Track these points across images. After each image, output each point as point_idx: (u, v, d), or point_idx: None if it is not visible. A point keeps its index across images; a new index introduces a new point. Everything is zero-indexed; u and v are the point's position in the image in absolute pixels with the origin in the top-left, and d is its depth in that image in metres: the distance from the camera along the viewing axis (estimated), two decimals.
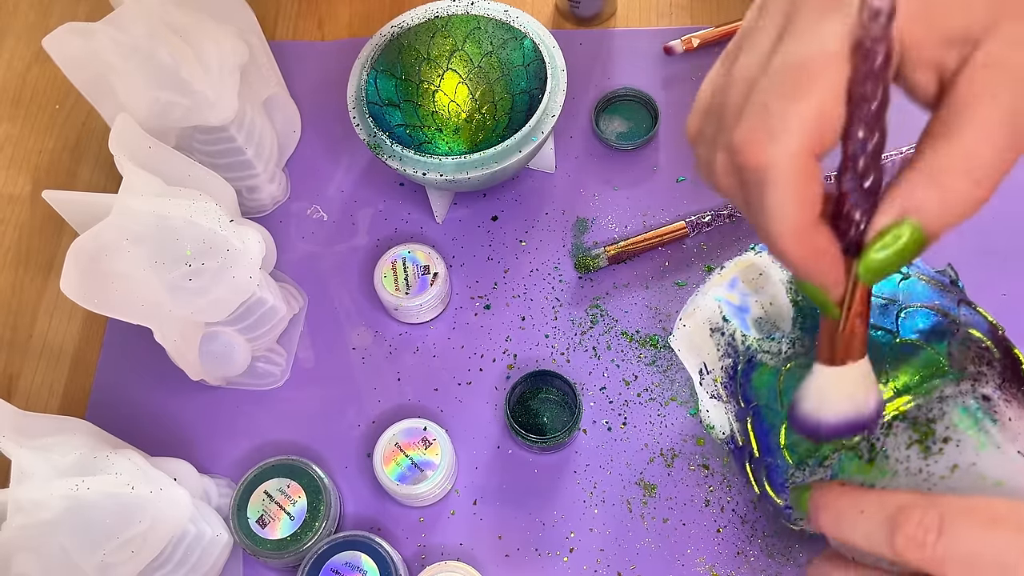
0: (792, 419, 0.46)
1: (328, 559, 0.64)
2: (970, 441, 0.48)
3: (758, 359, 0.56)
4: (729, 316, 0.58)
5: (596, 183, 0.81)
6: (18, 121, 0.88)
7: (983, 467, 0.47)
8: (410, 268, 0.74)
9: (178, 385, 0.73)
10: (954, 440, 0.48)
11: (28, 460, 0.57)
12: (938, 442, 0.49)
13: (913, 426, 0.50)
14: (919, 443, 0.49)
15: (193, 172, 0.67)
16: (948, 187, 0.38)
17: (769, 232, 0.40)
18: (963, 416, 0.49)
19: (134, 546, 0.57)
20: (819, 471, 0.53)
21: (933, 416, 0.50)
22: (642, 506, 0.69)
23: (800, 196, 0.38)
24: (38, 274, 0.81)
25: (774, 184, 0.38)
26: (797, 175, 0.38)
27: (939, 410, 0.50)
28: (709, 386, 0.60)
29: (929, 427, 0.49)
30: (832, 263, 0.40)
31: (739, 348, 0.57)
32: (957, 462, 0.47)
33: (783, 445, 0.54)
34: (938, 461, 0.48)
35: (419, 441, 0.68)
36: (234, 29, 0.72)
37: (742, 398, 0.57)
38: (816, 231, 0.39)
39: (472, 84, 0.80)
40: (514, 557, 0.68)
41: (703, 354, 0.60)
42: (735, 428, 0.58)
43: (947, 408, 0.50)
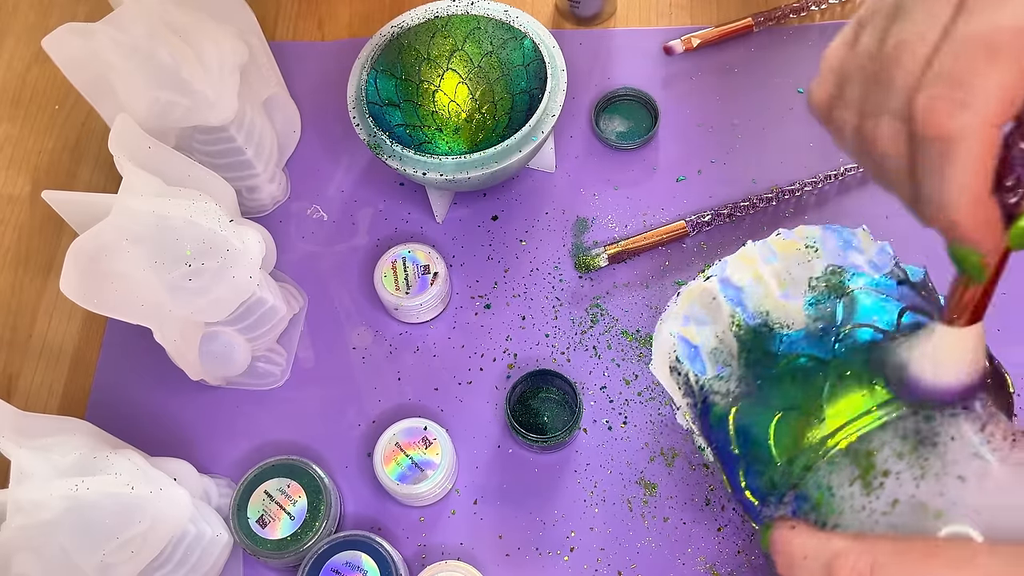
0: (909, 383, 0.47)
1: (328, 559, 0.64)
2: (908, 472, 0.46)
3: (710, 400, 0.55)
4: (682, 356, 0.57)
5: (596, 183, 0.81)
6: (18, 121, 0.88)
7: (923, 498, 0.45)
8: (410, 268, 0.74)
9: (178, 385, 0.73)
10: (893, 473, 0.47)
11: (28, 460, 0.57)
12: (878, 476, 0.47)
13: (854, 460, 0.48)
14: (860, 479, 0.48)
15: (193, 172, 0.67)
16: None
17: (944, 199, 0.40)
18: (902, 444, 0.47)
19: (134, 546, 0.57)
20: (780, 507, 0.51)
21: (873, 448, 0.48)
22: (643, 505, 0.69)
23: (983, 166, 0.39)
24: (38, 274, 0.81)
25: (960, 153, 0.39)
26: (984, 145, 0.38)
27: (879, 441, 0.48)
28: (682, 419, 0.59)
29: (869, 461, 0.48)
30: (997, 231, 0.41)
31: (694, 388, 0.56)
32: (897, 496, 0.46)
33: (743, 486, 0.53)
34: (879, 497, 0.47)
35: (419, 441, 0.68)
36: (234, 29, 0.72)
37: (704, 436, 0.57)
38: (989, 200, 0.40)
39: (472, 84, 0.80)
40: (515, 556, 0.68)
41: (670, 388, 0.59)
42: None
43: (887, 437, 0.48)
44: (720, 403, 0.54)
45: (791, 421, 0.50)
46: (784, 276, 0.55)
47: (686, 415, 0.58)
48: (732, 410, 0.53)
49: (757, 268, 0.56)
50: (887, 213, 0.77)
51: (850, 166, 0.78)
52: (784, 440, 0.50)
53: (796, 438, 0.50)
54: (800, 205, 0.78)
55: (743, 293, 0.55)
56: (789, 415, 0.50)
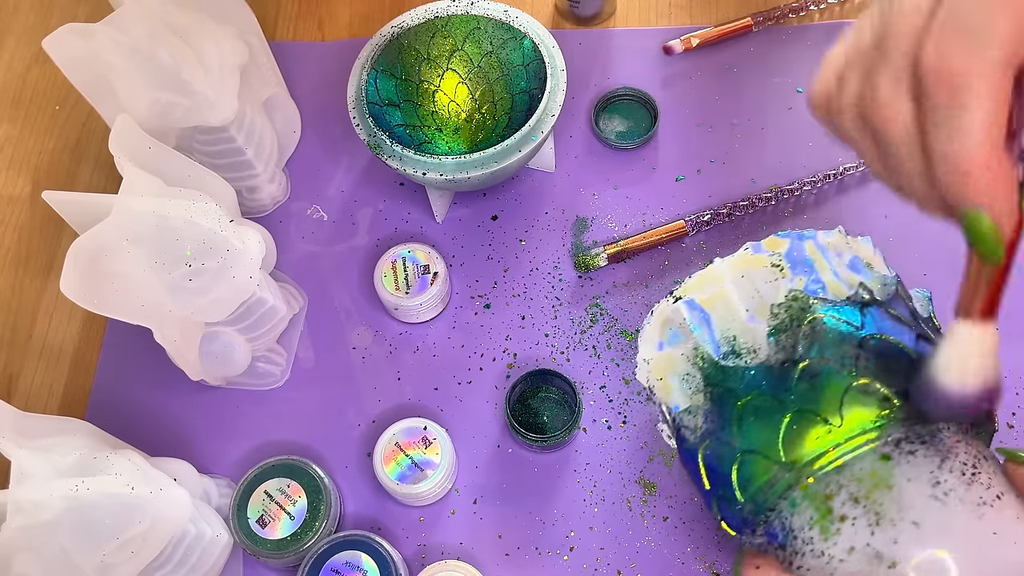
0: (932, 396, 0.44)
1: (328, 559, 0.64)
2: (864, 519, 0.45)
3: (682, 432, 0.53)
4: (655, 389, 0.55)
5: (596, 182, 0.81)
6: (18, 122, 0.88)
7: (877, 546, 0.44)
8: (410, 268, 0.74)
9: (178, 385, 0.73)
10: (849, 519, 0.45)
11: (28, 461, 0.57)
12: (835, 522, 0.46)
13: (813, 503, 0.47)
14: (819, 523, 0.46)
15: (193, 172, 0.67)
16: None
17: (957, 148, 0.39)
18: (859, 487, 0.46)
19: (134, 546, 0.57)
20: (756, 537, 0.51)
21: (831, 491, 0.46)
22: (642, 505, 0.69)
23: (997, 111, 0.38)
24: (38, 275, 0.81)
25: (972, 97, 0.38)
26: (997, 88, 0.38)
27: (835, 484, 0.46)
28: (668, 440, 0.58)
29: (827, 505, 0.46)
30: (1013, 191, 0.39)
31: (668, 419, 0.55)
32: (853, 544, 0.45)
33: (718, 519, 0.52)
34: (836, 543, 0.45)
35: (419, 440, 0.68)
36: (234, 29, 0.72)
37: (682, 463, 0.55)
38: (1004, 154, 0.39)
39: (472, 84, 0.80)
40: (514, 556, 0.68)
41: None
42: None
43: (843, 480, 0.46)
44: (690, 439, 0.52)
45: (752, 462, 0.49)
46: (752, 296, 0.52)
47: (671, 437, 0.58)
48: (701, 447, 0.52)
49: (724, 288, 0.53)
50: (886, 213, 0.77)
51: (849, 165, 0.78)
52: (746, 481, 0.49)
53: (757, 479, 0.48)
54: (799, 205, 0.78)
55: (710, 316, 0.53)
56: (749, 456, 0.49)
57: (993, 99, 0.38)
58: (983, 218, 0.40)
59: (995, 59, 0.38)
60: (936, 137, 0.40)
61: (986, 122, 0.38)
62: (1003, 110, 0.38)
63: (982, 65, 0.38)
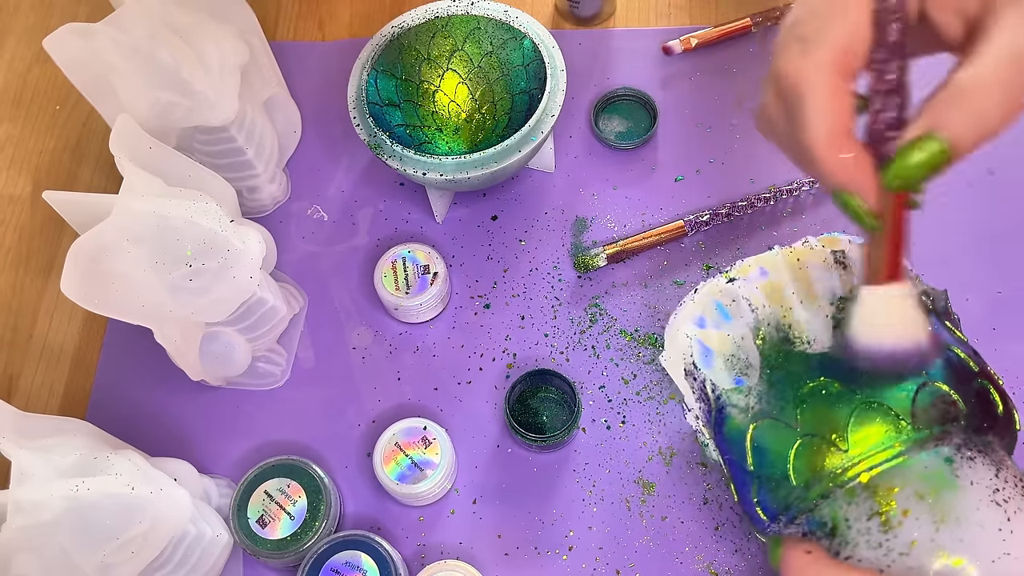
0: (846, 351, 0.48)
1: (328, 559, 0.64)
2: (928, 515, 0.46)
3: (727, 412, 0.54)
4: (699, 361, 0.56)
5: (595, 182, 0.81)
6: (19, 122, 0.88)
7: (942, 542, 0.46)
8: (410, 268, 0.74)
9: (178, 385, 0.73)
10: (914, 514, 0.47)
11: (28, 461, 0.57)
12: (898, 515, 0.47)
13: (873, 495, 0.48)
14: (879, 515, 0.48)
15: (194, 172, 0.67)
16: (971, 105, 0.41)
17: (804, 142, 0.44)
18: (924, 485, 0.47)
19: (134, 547, 0.58)
20: (790, 527, 0.52)
21: (895, 485, 0.48)
22: (641, 504, 0.69)
23: (831, 105, 0.44)
24: (38, 275, 0.81)
25: (807, 94, 0.44)
26: (827, 85, 0.43)
27: (900, 479, 0.48)
28: (692, 421, 0.59)
29: (889, 498, 0.48)
30: (864, 170, 0.44)
31: (710, 396, 0.56)
32: (916, 538, 0.46)
33: (755, 501, 0.53)
34: (898, 536, 0.47)
35: (419, 440, 0.68)
36: (235, 29, 0.72)
37: (716, 446, 0.56)
38: (848, 139, 0.44)
39: (472, 84, 0.80)
40: (514, 556, 0.68)
41: (683, 390, 0.59)
42: None
43: (909, 477, 0.48)
44: (738, 417, 0.53)
45: (813, 447, 0.50)
46: (806, 289, 0.55)
47: (697, 418, 0.58)
48: (751, 427, 0.53)
49: (780, 276, 0.55)
50: None
51: None
52: (803, 465, 0.50)
53: (815, 464, 0.50)
54: (798, 205, 0.79)
55: (765, 301, 0.55)
56: (811, 440, 0.50)
57: (827, 96, 0.43)
58: (843, 195, 0.45)
59: (822, 60, 0.44)
60: (795, 135, 0.45)
61: (823, 116, 0.43)
62: (840, 105, 0.44)
63: (814, 68, 0.44)
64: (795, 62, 0.44)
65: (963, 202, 0.78)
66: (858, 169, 0.44)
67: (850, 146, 0.44)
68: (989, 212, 0.77)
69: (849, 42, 0.44)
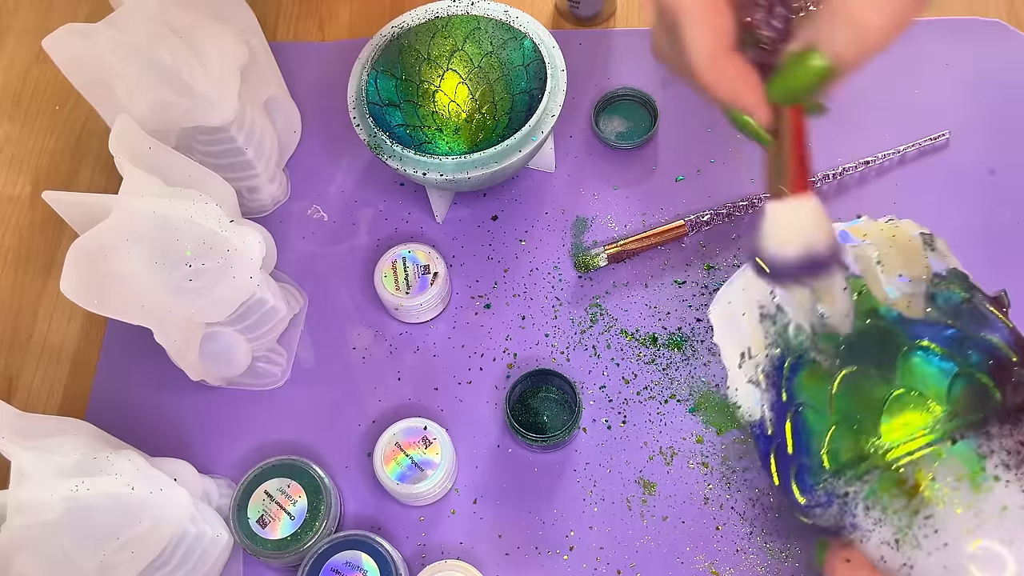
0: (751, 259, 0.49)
1: (328, 559, 0.64)
2: (959, 502, 0.48)
3: (810, 357, 0.54)
4: (785, 306, 0.56)
5: (596, 182, 0.81)
6: (18, 122, 0.88)
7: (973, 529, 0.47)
8: (410, 268, 0.74)
9: (178, 385, 0.73)
10: (946, 500, 0.48)
11: (28, 461, 0.57)
12: (931, 502, 0.48)
13: (907, 482, 0.49)
14: (910, 500, 0.48)
15: (193, 173, 0.67)
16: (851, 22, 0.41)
17: (691, 64, 0.44)
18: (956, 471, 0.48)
19: (134, 547, 0.57)
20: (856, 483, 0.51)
21: (928, 471, 0.49)
22: (641, 504, 0.69)
23: (709, 25, 0.44)
24: (38, 275, 0.81)
25: (686, 17, 0.44)
26: (700, 5, 0.44)
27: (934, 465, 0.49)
28: (749, 371, 0.58)
29: (922, 484, 0.48)
30: (748, 86, 0.45)
31: (791, 342, 0.55)
32: (948, 524, 0.47)
33: (825, 451, 0.52)
34: (929, 522, 0.48)
35: (419, 440, 0.68)
36: (234, 30, 0.72)
37: (786, 392, 0.55)
38: (729, 57, 0.44)
39: (472, 84, 0.80)
40: (514, 556, 0.68)
41: (747, 338, 0.58)
42: (767, 416, 0.56)
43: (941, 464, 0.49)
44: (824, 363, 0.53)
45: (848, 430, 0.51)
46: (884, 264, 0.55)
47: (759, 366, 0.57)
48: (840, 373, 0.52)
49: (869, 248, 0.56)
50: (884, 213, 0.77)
51: (849, 165, 0.78)
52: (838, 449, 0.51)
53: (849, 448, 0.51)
54: None
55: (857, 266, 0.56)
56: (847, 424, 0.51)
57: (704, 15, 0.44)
58: (734, 113, 0.45)
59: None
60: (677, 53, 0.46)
61: (703, 36, 0.44)
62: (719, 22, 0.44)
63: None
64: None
65: (964, 201, 0.78)
66: (745, 86, 0.44)
67: (733, 64, 0.44)
68: (990, 212, 0.77)
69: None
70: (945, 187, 0.78)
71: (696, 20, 0.44)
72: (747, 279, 0.59)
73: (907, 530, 0.48)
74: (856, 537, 0.50)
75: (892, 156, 0.79)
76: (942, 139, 0.79)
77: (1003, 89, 0.82)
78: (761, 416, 0.57)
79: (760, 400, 0.57)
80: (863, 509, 0.50)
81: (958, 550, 0.46)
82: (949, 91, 0.82)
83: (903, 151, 0.79)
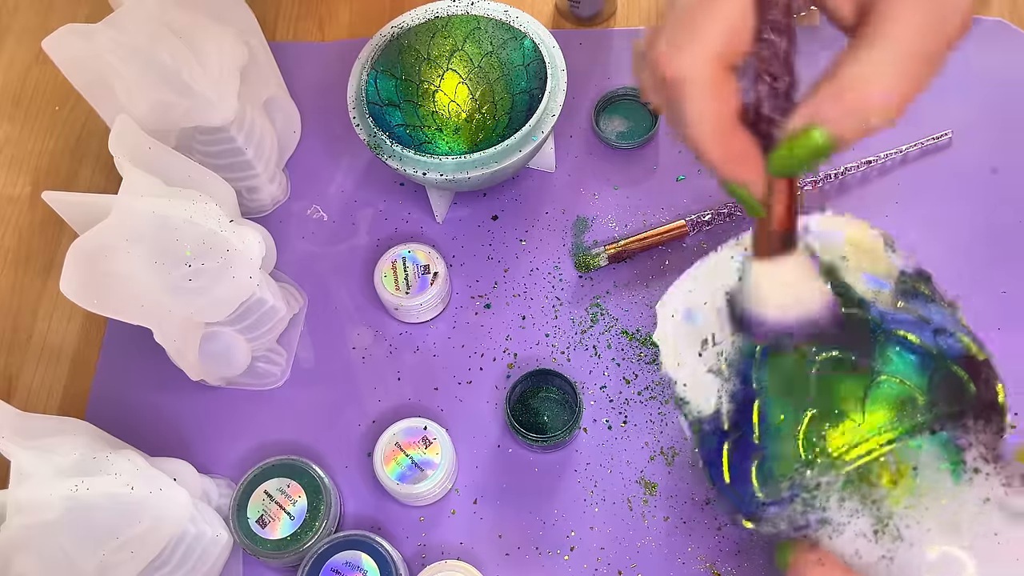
0: (740, 320, 0.49)
1: (328, 559, 0.64)
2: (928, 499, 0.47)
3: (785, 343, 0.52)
4: None
5: (596, 182, 0.81)
6: (18, 122, 0.88)
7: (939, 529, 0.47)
8: (410, 268, 0.74)
9: (178, 385, 0.73)
10: (915, 496, 0.47)
11: (28, 461, 0.57)
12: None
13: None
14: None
15: (193, 173, 0.67)
16: (854, 101, 0.40)
17: (690, 137, 0.43)
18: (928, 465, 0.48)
19: (134, 546, 0.57)
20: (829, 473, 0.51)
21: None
22: (643, 505, 0.69)
23: (713, 100, 0.42)
24: (38, 275, 0.81)
25: (688, 91, 0.42)
26: (708, 81, 0.42)
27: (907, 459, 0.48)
28: (710, 359, 0.55)
29: (892, 478, 0.48)
30: (751, 163, 0.43)
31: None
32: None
33: (800, 439, 0.50)
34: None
35: (419, 440, 0.68)
36: (234, 30, 0.72)
37: (756, 380, 0.53)
38: (733, 133, 0.43)
39: (472, 84, 0.80)
40: (514, 556, 0.68)
41: (710, 325, 0.56)
42: (725, 409, 0.54)
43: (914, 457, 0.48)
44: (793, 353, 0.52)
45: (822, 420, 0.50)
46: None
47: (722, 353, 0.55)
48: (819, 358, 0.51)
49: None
50: (886, 212, 0.77)
51: (850, 165, 0.78)
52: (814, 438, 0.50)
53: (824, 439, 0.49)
54: None
55: None
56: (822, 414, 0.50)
57: (708, 91, 0.42)
58: (730, 185, 0.44)
59: (703, 55, 0.42)
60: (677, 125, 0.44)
61: (706, 109, 0.42)
62: (722, 94, 0.42)
63: (690, 61, 0.42)
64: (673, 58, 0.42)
65: (966, 201, 0.78)
66: (746, 163, 0.43)
67: (738, 140, 0.43)
68: (992, 211, 0.77)
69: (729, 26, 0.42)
70: (948, 186, 0.78)
71: (700, 96, 0.42)
72: (710, 267, 0.57)
73: (887, 520, 0.48)
74: (824, 534, 0.49)
75: (894, 155, 0.78)
76: (944, 138, 0.79)
77: (1006, 88, 0.82)
78: (716, 410, 0.54)
79: (718, 391, 0.55)
80: (837, 500, 0.49)
81: (942, 540, 0.46)
82: (951, 90, 0.82)
83: (905, 150, 0.79)
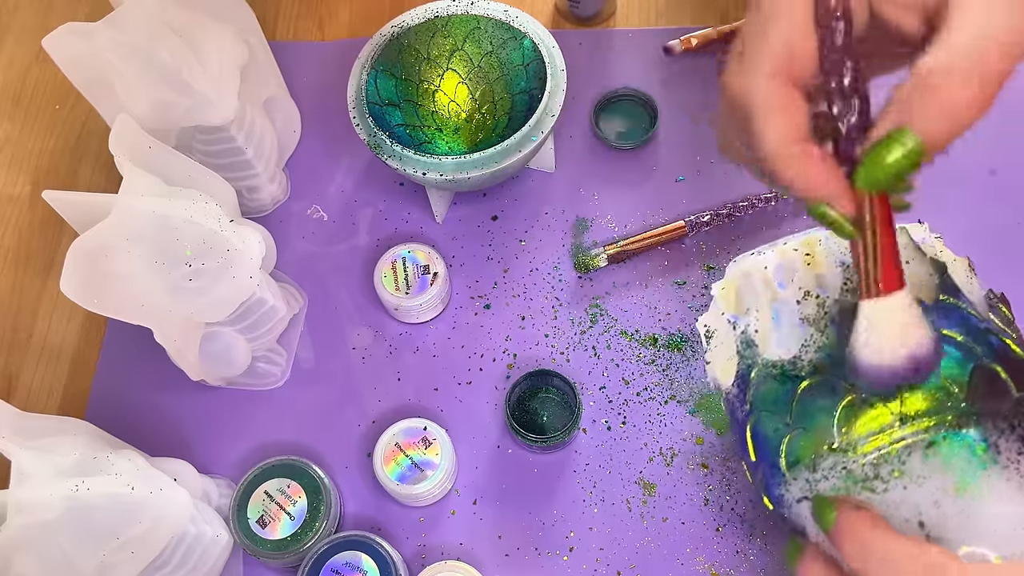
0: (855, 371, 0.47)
1: (328, 559, 0.64)
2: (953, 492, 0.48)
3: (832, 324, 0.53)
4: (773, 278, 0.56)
5: (596, 183, 0.81)
6: (18, 121, 0.88)
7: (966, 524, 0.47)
8: (410, 268, 0.74)
9: (178, 385, 0.73)
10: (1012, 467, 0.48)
11: (28, 461, 0.57)
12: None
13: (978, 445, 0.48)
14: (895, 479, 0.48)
15: (193, 172, 0.67)
16: (941, 97, 0.40)
17: (763, 155, 0.43)
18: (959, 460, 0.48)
19: (134, 547, 0.57)
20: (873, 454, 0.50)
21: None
22: (641, 505, 0.69)
23: (780, 114, 0.42)
24: (38, 274, 0.81)
25: (755, 109, 0.43)
26: (771, 96, 0.42)
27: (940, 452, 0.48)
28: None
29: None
30: (832, 174, 0.43)
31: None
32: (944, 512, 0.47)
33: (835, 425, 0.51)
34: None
35: (419, 441, 0.68)
36: (234, 29, 0.72)
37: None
38: (804, 145, 0.42)
39: (472, 84, 0.80)
40: (514, 556, 0.68)
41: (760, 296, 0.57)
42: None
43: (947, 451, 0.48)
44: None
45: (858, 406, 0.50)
46: None
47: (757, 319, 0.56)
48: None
49: None
50: None
51: None
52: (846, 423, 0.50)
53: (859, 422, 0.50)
54: (799, 205, 0.78)
55: None
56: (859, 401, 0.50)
57: (772, 107, 0.42)
58: (813, 204, 0.43)
59: (765, 73, 0.42)
60: (751, 147, 0.44)
61: (780, 125, 0.42)
62: (792, 110, 0.42)
63: (755, 81, 0.43)
64: (739, 74, 0.43)
65: (965, 202, 0.78)
66: (828, 174, 0.42)
67: (813, 152, 0.42)
68: (992, 212, 0.77)
69: (788, 46, 0.42)
70: (946, 187, 0.78)
71: (771, 111, 0.42)
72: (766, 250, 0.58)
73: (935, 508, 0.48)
74: None
75: None
76: None
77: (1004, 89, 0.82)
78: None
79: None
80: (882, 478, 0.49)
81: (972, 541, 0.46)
82: None
83: None
